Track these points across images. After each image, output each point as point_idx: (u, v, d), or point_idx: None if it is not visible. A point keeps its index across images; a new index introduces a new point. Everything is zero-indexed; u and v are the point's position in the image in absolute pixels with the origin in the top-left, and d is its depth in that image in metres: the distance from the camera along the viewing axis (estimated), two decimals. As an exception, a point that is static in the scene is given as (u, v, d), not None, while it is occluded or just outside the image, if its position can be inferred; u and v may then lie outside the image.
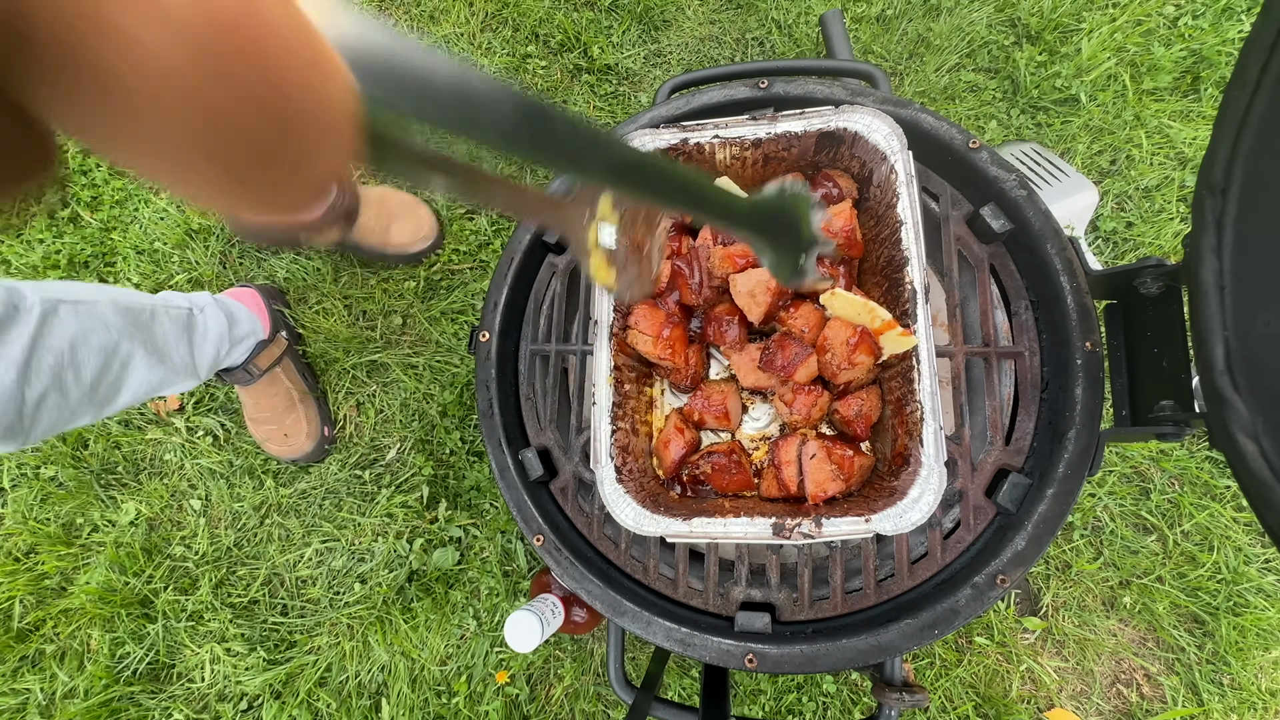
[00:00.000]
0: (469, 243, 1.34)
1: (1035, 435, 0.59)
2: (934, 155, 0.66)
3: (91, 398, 0.82)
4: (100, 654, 1.21)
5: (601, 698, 1.12)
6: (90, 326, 0.82)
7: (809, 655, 0.54)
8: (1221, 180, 0.46)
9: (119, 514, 1.29)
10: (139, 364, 0.89)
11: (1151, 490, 1.08)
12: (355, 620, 1.19)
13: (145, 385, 0.92)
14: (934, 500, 0.49)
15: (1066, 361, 0.58)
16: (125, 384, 0.88)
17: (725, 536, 0.52)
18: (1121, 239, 1.20)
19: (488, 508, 1.22)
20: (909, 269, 0.56)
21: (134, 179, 1.47)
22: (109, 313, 0.86)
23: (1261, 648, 1.01)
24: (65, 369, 0.77)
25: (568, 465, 0.67)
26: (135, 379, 0.90)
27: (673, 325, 0.61)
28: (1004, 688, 1.05)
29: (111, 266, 1.44)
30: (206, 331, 1.07)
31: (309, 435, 1.24)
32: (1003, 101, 1.29)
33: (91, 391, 0.81)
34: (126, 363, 0.88)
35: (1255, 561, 1.04)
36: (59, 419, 0.77)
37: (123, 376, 0.87)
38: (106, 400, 0.85)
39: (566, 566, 0.61)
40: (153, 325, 0.94)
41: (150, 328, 0.94)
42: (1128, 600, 1.05)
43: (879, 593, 0.58)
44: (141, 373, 0.90)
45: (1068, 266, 0.58)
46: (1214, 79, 1.24)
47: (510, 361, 0.71)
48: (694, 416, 0.63)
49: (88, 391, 0.80)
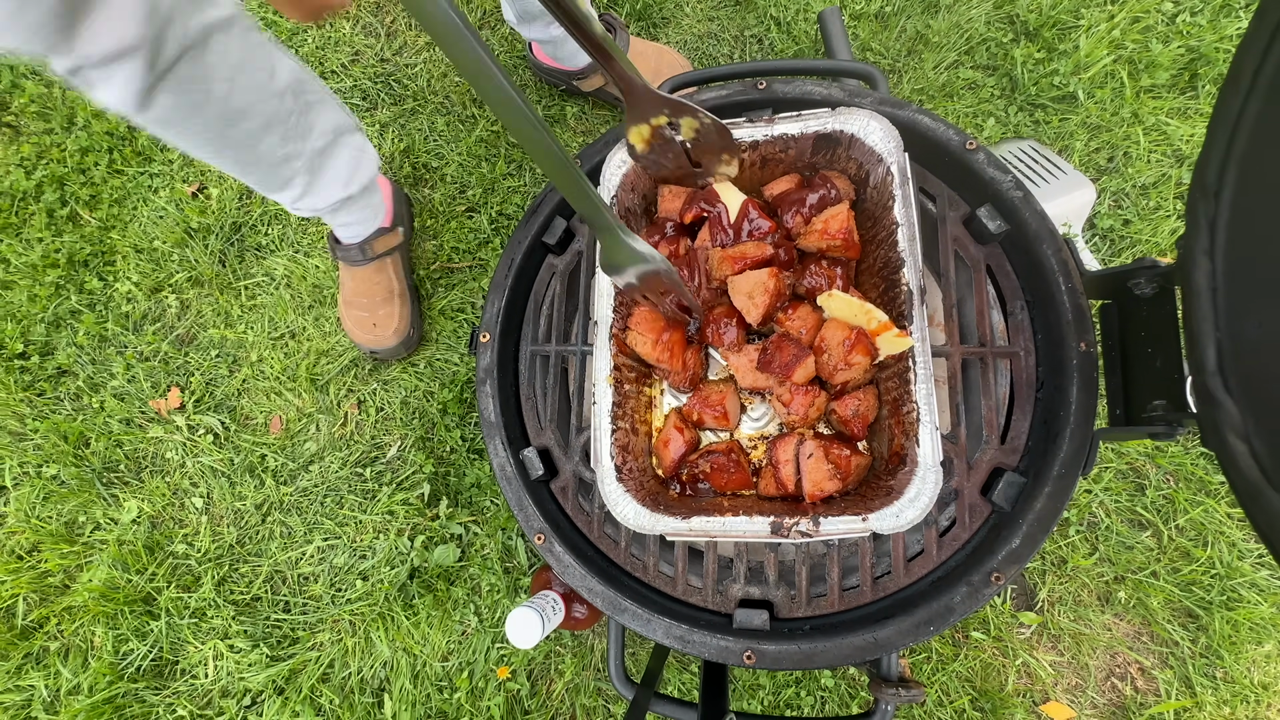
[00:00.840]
0: (469, 241, 1.35)
1: (1030, 434, 0.60)
2: (931, 156, 0.66)
3: (225, 106, 0.74)
4: (104, 651, 1.22)
5: (602, 692, 1.13)
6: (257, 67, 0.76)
7: (806, 652, 0.55)
8: (1215, 183, 0.47)
9: (121, 512, 1.30)
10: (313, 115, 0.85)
11: (1147, 486, 1.09)
12: (357, 617, 1.20)
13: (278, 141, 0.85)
14: (930, 499, 0.49)
15: (1061, 361, 0.58)
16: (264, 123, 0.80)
17: (724, 535, 0.52)
18: (1118, 236, 1.21)
19: (488, 505, 1.23)
20: (905, 271, 0.56)
21: (132, 177, 1.47)
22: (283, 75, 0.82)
23: (1254, 641, 1.02)
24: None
25: (568, 465, 0.67)
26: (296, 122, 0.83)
27: (672, 328, 0.61)
28: (1000, 682, 1.06)
29: (111, 265, 1.44)
30: (367, 157, 1.04)
31: (396, 331, 1.25)
32: (1001, 99, 1.29)
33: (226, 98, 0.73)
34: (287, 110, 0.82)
35: (1249, 556, 1.05)
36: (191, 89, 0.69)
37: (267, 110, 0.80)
38: (234, 116, 0.76)
39: (567, 565, 0.62)
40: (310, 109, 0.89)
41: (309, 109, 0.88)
42: (1123, 595, 1.07)
43: (875, 590, 0.59)
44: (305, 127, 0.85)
45: (1063, 267, 0.59)
46: (1212, 76, 1.24)
47: (510, 362, 0.71)
48: (693, 416, 0.63)
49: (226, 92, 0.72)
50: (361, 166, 1.06)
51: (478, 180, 1.37)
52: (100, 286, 1.43)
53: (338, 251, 1.23)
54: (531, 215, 0.72)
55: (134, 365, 1.37)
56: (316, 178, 0.97)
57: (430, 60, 1.45)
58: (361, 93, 1.45)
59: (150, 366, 1.37)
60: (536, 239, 0.72)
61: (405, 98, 1.44)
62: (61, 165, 1.50)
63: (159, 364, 1.37)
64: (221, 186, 1.44)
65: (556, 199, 0.72)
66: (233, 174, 0.89)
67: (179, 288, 1.41)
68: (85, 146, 1.50)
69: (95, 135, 1.50)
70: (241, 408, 1.33)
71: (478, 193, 1.37)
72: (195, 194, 1.46)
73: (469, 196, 1.37)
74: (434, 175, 1.40)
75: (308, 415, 1.31)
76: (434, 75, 1.43)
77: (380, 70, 1.46)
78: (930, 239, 0.65)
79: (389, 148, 1.41)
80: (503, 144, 1.38)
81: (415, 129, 1.42)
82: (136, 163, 1.49)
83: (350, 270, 1.26)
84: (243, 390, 1.34)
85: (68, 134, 1.53)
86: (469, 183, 1.38)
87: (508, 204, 1.36)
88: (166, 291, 1.41)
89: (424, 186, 1.40)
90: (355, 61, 1.48)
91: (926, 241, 0.62)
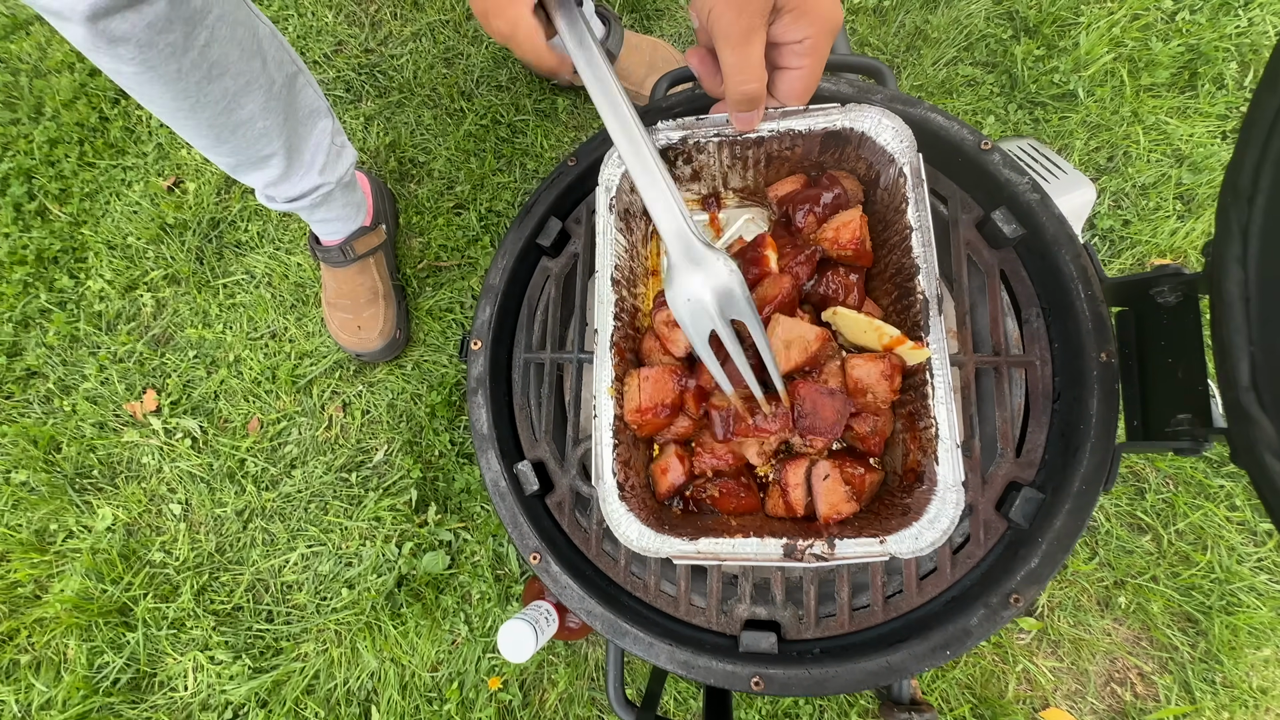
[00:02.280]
0: (457, 239, 1.31)
1: (1047, 447, 0.58)
2: (943, 156, 0.64)
3: (202, 60, 0.70)
4: (78, 664, 1.18)
5: (596, 703, 1.10)
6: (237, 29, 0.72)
7: (817, 678, 0.52)
8: (1249, 187, 0.44)
9: (95, 519, 1.25)
10: (257, 92, 0.79)
11: (1147, 490, 1.08)
12: (343, 626, 1.16)
13: (253, 117, 0.81)
14: (951, 521, 0.47)
15: (1081, 372, 0.56)
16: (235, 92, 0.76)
17: (734, 558, 0.50)
18: (1118, 237, 1.19)
19: (478, 511, 1.20)
20: (920, 278, 0.54)
21: (104, 170, 1.41)
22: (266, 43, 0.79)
23: (1253, 646, 1.02)
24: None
25: (564, 479, 0.64)
26: (243, 95, 0.78)
27: (678, 389, 0.57)
28: (1000, 688, 1.05)
29: (82, 262, 1.39)
30: (344, 148, 1.00)
31: (382, 334, 1.21)
32: (1000, 96, 1.27)
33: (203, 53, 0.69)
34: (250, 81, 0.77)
35: (1248, 561, 1.05)
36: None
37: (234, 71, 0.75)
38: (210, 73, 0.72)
39: (565, 586, 0.59)
40: (293, 83, 0.86)
41: (292, 84, 0.86)
42: (1123, 600, 1.06)
43: (887, 610, 0.57)
44: (257, 98, 0.80)
45: (1082, 274, 0.57)
46: (1211, 75, 1.23)
47: (503, 370, 0.68)
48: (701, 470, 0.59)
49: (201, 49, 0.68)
50: (342, 158, 1.01)
51: (466, 176, 1.33)
52: (71, 284, 1.37)
53: (318, 252, 1.19)
54: (525, 215, 0.68)
55: (107, 366, 1.31)
56: (294, 160, 0.92)
57: (416, 51, 1.40)
58: (345, 84, 1.40)
59: (125, 368, 1.31)
60: (530, 240, 0.68)
61: (391, 90, 1.39)
62: (29, 157, 1.44)
63: (134, 365, 1.31)
64: (199, 180, 1.39)
65: (551, 198, 0.68)
66: (207, 147, 0.84)
67: (154, 286, 1.35)
68: (54, 138, 1.43)
69: (65, 126, 1.44)
70: (220, 410, 1.28)
71: (466, 189, 1.33)
72: (171, 188, 1.40)
73: (457, 193, 1.33)
74: (421, 170, 1.36)
75: (289, 418, 1.26)
76: (420, 67, 1.39)
77: (364, 61, 1.41)
78: (942, 243, 0.63)
79: (374, 142, 1.36)
80: (491, 139, 1.34)
81: (401, 122, 1.37)
82: (109, 155, 1.43)
83: (332, 271, 1.21)
84: (221, 392, 1.29)
85: (35, 124, 1.46)
86: (457, 178, 1.34)
87: (497, 200, 1.32)
88: (141, 290, 1.35)
89: (410, 182, 1.36)
90: (339, 51, 1.43)
91: (938, 246, 0.59)
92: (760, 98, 0.53)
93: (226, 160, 0.88)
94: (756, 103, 0.54)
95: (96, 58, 0.65)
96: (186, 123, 0.78)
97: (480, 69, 1.37)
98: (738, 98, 0.53)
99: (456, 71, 1.38)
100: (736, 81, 0.52)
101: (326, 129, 0.96)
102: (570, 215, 0.71)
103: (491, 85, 1.37)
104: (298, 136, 0.91)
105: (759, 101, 0.54)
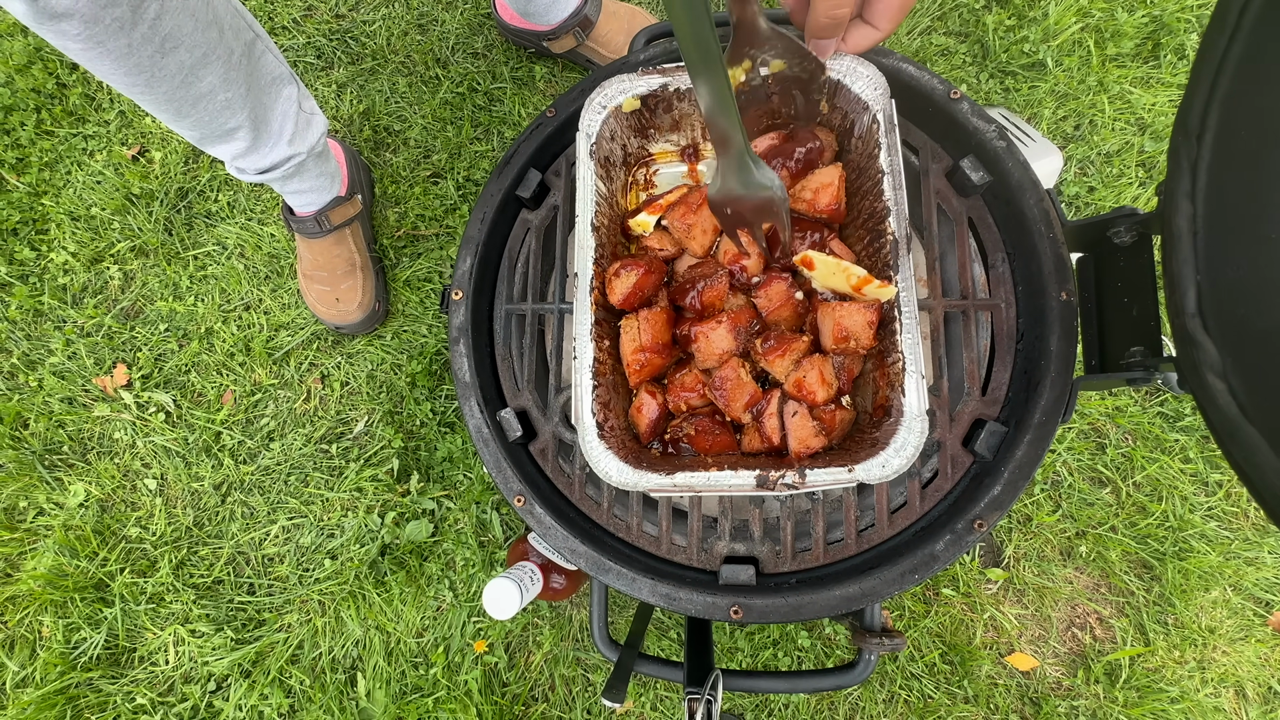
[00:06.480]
0: (434, 208, 1.30)
1: (1011, 385, 0.60)
2: (914, 107, 0.66)
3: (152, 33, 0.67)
4: (53, 640, 1.16)
5: (581, 662, 1.12)
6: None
7: (793, 604, 0.55)
8: (1197, 126, 0.47)
9: (67, 496, 1.22)
10: (216, 63, 0.77)
11: (1107, 445, 1.13)
12: (326, 596, 1.17)
13: (213, 90, 0.78)
14: (916, 448, 0.49)
15: (1042, 311, 0.59)
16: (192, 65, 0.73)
17: (709, 489, 0.51)
18: (1084, 203, 1.23)
19: (461, 479, 1.20)
20: (890, 220, 0.55)
21: (64, 139, 1.36)
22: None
23: (1203, 589, 1.07)
24: None
25: (547, 426, 0.65)
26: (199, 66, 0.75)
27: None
28: (968, 635, 1.09)
29: (44, 234, 1.35)
30: (314, 116, 0.99)
31: (360, 306, 1.20)
32: (972, 66, 1.30)
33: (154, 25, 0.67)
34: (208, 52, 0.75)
35: (1199, 509, 1.10)
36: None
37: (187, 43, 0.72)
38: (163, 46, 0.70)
39: (549, 527, 0.60)
40: (253, 49, 0.84)
41: (251, 49, 0.83)
42: (1083, 549, 1.11)
43: (860, 542, 0.59)
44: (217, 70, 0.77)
45: (1044, 217, 0.59)
46: (1173, 45, 1.26)
47: (485, 321, 0.68)
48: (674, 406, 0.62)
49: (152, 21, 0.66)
50: (312, 126, 0.99)
51: (443, 144, 1.31)
52: (33, 257, 1.33)
53: (293, 223, 1.17)
54: (504, 167, 0.68)
55: (75, 341, 1.28)
56: (261, 132, 0.91)
57: (389, 17, 1.37)
58: (316, 50, 1.37)
59: (93, 342, 1.28)
60: (510, 192, 0.68)
61: (364, 56, 1.36)
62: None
63: (102, 339, 1.28)
64: (165, 150, 1.35)
65: (530, 150, 0.68)
66: (169, 120, 0.82)
67: (121, 258, 1.32)
68: (8, 105, 1.38)
69: (20, 93, 1.39)
70: (192, 384, 1.26)
71: (443, 157, 1.31)
72: (136, 157, 1.36)
73: (434, 161, 1.32)
74: (396, 139, 1.34)
75: (265, 390, 1.25)
76: (394, 33, 1.36)
77: (336, 27, 1.38)
78: (913, 193, 0.64)
79: (347, 110, 1.34)
80: (468, 106, 1.33)
81: (375, 90, 1.35)
82: (68, 123, 1.38)
83: (308, 243, 1.19)
84: (194, 365, 1.27)
85: (-12, 91, 1.40)
86: (434, 147, 1.32)
87: (475, 169, 1.31)
88: (108, 262, 1.32)
89: (386, 151, 1.34)
90: (308, 16, 1.40)
91: (909, 196, 0.61)
92: (845, 22, 0.51)
93: (191, 133, 0.86)
94: (841, 27, 0.51)
95: (41, 33, 0.63)
96: (144, 97, 0.76)
97: (455, 35, 1.35)
98: (825, 21, 0.50)
99: (431, 38, 1.36)
100: (828, 5, 0.48)
101: (292, 96, 0.94)
102: (549, 168, 0.71)
103: (467, 52, 1.35)
104: (262, 106, 0.89)
105: (843, 26, 0.51)
